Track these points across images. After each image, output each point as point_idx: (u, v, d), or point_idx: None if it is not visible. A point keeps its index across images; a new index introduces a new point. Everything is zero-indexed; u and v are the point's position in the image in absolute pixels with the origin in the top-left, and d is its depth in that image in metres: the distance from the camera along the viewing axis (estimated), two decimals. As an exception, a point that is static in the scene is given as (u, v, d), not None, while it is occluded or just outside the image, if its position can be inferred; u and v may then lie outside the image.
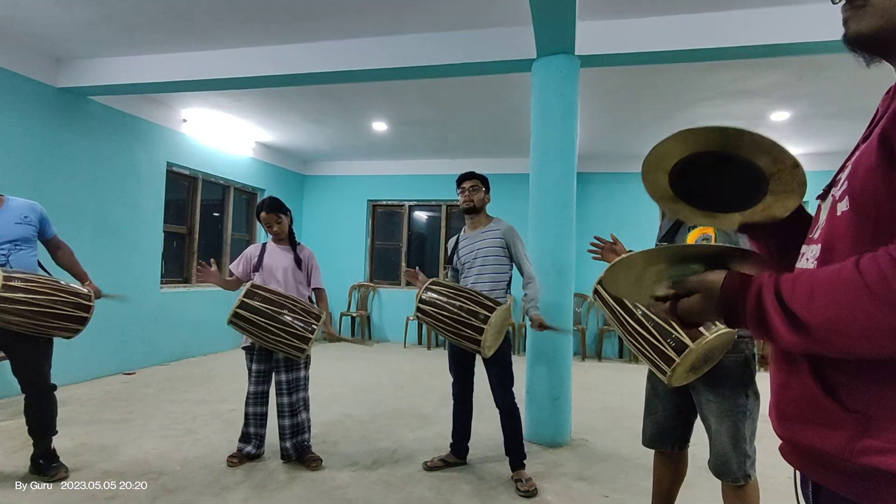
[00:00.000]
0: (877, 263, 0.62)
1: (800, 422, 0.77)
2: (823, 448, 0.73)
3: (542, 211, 3.71)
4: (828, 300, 0.65)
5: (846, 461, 0.70)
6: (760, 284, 0.74)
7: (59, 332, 2.65)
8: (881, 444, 0.67)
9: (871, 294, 0.61)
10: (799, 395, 0.77)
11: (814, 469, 0.78)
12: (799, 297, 0.68)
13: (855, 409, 0.69)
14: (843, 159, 0.83)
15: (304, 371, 3.09)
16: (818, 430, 0.73)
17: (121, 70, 4.57)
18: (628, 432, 3.77)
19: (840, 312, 0.64)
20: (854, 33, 0.77)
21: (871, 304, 0.61)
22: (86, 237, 4.91)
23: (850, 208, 0.73)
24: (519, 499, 2.69)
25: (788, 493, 2.78)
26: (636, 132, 6.26)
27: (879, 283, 0.61)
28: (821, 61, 4.03)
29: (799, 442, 0.78)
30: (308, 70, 4.17)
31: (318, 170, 8.65)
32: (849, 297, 0.63)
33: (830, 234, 0.76)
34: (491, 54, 3.79)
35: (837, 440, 0.71)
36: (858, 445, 0.68)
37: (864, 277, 0.62)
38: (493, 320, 2.60)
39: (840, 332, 0.64)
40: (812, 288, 0.68)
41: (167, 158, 5.89)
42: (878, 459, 0.67)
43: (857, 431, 0.69)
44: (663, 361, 1.72)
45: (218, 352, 6.71)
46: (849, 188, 0.73)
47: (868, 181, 0.70)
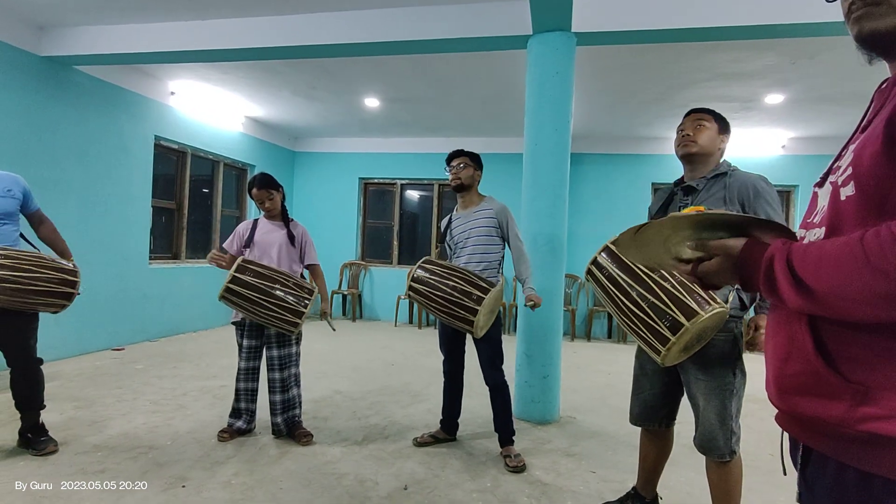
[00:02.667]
0: (878, 237, 0.67)
1: (800, 394, 0.82)
2: (824, 417, 0.78)
3: (535, 190, 3.69)
4: (832, 269, 0.71)
5: (846, 428, 0.75)
6: (774, 252, 0.79)
7: (44, 308, 2.62)
8: (879, 410, 0.72)
9: (870, 265, 0.67)
10: (800, 369, 0.81)
11: (811, 436, 0.83)
12: (808, 265, 0.74)
13: (855, 380, 0.75)
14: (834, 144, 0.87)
15: (295, 347, 3.09)
16: (819, 401, 0.78)
17: (107, 39, 4.44)
18: (616, 410, 3.83)
19: (843, 281, 0.69)
20: (870, 31, 0.79)
21: (869, 274, 0.67)
22: (72, 211, 4.83)
23: (855, 192, 0.77)
24: (507, 474, 2.73)
25: (769, 469, 2.87)
26: (631, 113, 6.22)
27: (877, 255, 0.66)
28: (815, 44, 4.01)
29: (799, 413, 0.83)
30: (299, 43, 4.08)
31: (309, 146, 8.55)
32: (850, 268, 0.69)
33: (836, 218, 0.81)
34: (486, 30, 3.73)
35: (838, 410, 0.76)
36: (858, 413, 0.74)
37: (865, 250, 0.67)
38: (486, 301, 2.61)
39: (841, 298, 0.70)
40: (820, 258, 0.73)
41: (155, 132, 5.78)
42: (876, 425, 0.72)
43: (857, 401, 0.74)
44: (658, 341, 1.73)
45: (208, 328, 6.69)
46: (854, 174, 0.77)
47: (874, 166, 0.74)
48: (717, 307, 1.70)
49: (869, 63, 0.84)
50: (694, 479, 2.67)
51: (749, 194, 1.88)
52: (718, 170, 1.99)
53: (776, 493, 2.58)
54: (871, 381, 0.73)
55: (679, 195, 2.08)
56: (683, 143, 2.02)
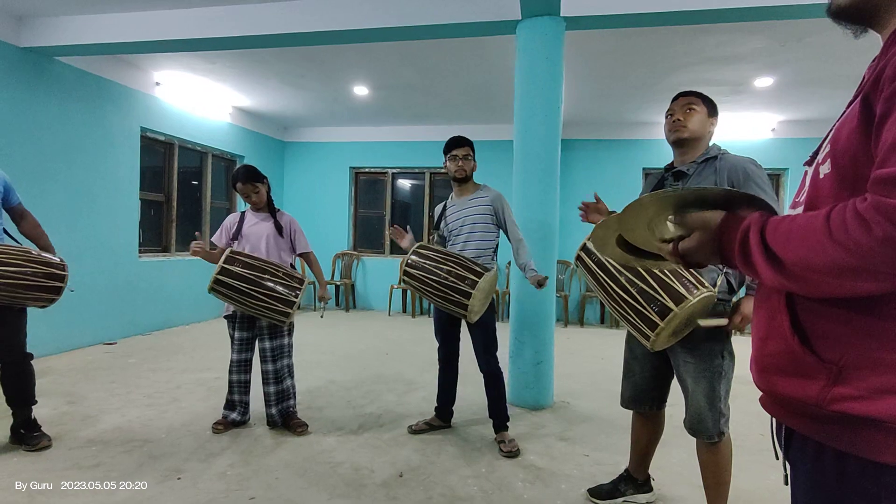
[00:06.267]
0: (842, 212, 0.68)
1: (778, 373, 0.82)
2: (800, 397, 0.78)
3: (526, 177, 3.69)
4: (799, 241, 0.72)
5: (820, 408, 0.76)
6: (750, 222, 0.79)
7: (32, 303, 2.59)
8: (851, 391, 0.73)
9: (832, 238, 0.68)
10: (778, 348, 0.82)
11: (790, 416, 0.84)
12: (779, 237, 0.75)
13: (829, 359, 0.75)
14: (824, 126, 0.88)
15: (287, 338, 3.08)
16: (795, 381, 0.79)
17: (88, 29, 4.35)
18: (608, 394, 3.87)
19: (808, 253, 0.70)
20: (836, 7, 0.83)
21: (832, 247, 0.68)
22: (58, 206, 4.77)
23: (831, 170, 0.77)
24: (502, 459, 2.76)
25: (758, 449, 2.91)
26: (621, 98, 6.21)
27: (839, 230, 0.67)
28: (804, 26, 4.01)
29: (777, 392, 0.83)
30: (284, 31, 4.02)
31: (298, 136, 8.47)
32: (814, 240, 0.70)
33: (814, 195, 0.81)
34: (473, 15, 3.69)
35: (813, 389, 0.76)
36: (831, 393, 0.74)
37: (829, 224, 0.68)
38: (480, 285, 2.62)
39: (809, 269, 0.71)
40: (790, 230, 0.73)
41: (141, 123, 5.70)
42: (848, 405, 0.73)
43: (831, 380, 0.75)
44: (647, 326, 1.74)
45: (201, 321, 6.67)
46: (831, 151, 0.78)
47: (850, 143, 0.74)
48: (705, 291, 1.71)
49: (855, 37, 0.85)
50: (686, 461, 2.70)
51: (739, 177, 1.88)
52: (709, 154, 1.99)
53: (767, 473, 2.63)
54: (845, 361, 0.74)
55: (669, 180, 2.08)
56: (675, 129, 2.00)
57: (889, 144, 0.65)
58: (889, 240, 0.62)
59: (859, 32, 0.84)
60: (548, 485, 2.48)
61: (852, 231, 0.65)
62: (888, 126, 0.66)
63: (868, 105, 0.72)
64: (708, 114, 2.02)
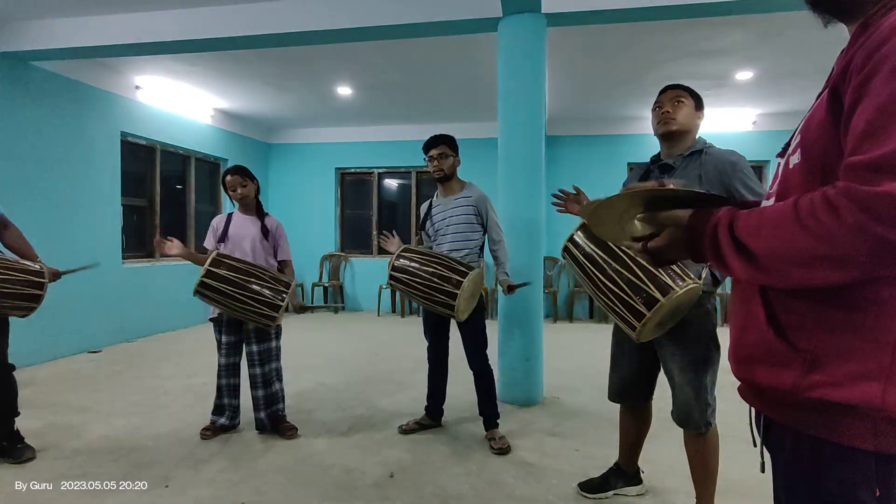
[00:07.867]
0: (810, 201, 0.68)
1: (755, 363, 0.83)
2: (776, 385, 0.79)
3: (511, 174, 3.69)
4: (770, 232, 0.72)
5: (796, 396, 0.77)
6: (719, 217, 0.79)
7: (11, 312, 2.55)
8: (825, 378, 0.74)
9: (801, 226, 0.68)
10: (754, 339, 0.83)
11: (767, 405, 0.85)
12: (749, 230, 0.74)
13: (803, 348, 0.76)
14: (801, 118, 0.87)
15: (275, 341, 3.06)
16: (771, 370, 0.80)
17: (65, 32, 4.28)
18: (598, 389, 3.88)
19: (779, 243, 0.71)
20: None
21: (801, 235, 0.68)
22: (38, 213, 4.68)
23: (801, 160, 0.78)
24: (493, 456, 2.76)
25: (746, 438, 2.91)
26: (604, 94, 6.24)
27: (808, 218, 0.67)
28: (783, 20, 4.05)
29: (755, 381, 0.84)
30: (264, 31, 3.98)
31: (283, 138, 8.40)
32: (784, 230, 0.70)
33: (785, 186, 0.82)
34: (454, 13, 3.68)
35: (789, 378, 0.77)
36: (806, 381, 0.75)
37: (798, 213, 0.69)
38: (465, 285, 2.61)
39: (780, 260, 0.71)
40: (759, 222, 0.73)
41: (121, 128, 5.61)
42: (822, 392, 0.74)
43: (805, 369, 0.75)
44: (633, 317, 1.75)
45: (187, 327, 6.59)
46: (801, 141, 0.79)
47: (819, 134, 0.75)
48: (692, 283, 1.73)
49: (824, 26, 0.86)
50: (675, 453, 2.72)
51: (727, 170, 1.88)
52: (695, 147, 1.99)
53: (754, 462, 2.63)
54: (819, 349, 0.74)
55: (655, 173, 2.09)
56: (664, 121, 2.00)
57: (860, 132, 0.66)
58: (858, 227, 0.62)
59: (829, 22, 0.84)
60: (539, 480, 2.49)
61: (822, 218, 0.65)
62: (857, 114, 0.67)
63: (837, 96, 0.73)
64: (695, 107, 2.03)
